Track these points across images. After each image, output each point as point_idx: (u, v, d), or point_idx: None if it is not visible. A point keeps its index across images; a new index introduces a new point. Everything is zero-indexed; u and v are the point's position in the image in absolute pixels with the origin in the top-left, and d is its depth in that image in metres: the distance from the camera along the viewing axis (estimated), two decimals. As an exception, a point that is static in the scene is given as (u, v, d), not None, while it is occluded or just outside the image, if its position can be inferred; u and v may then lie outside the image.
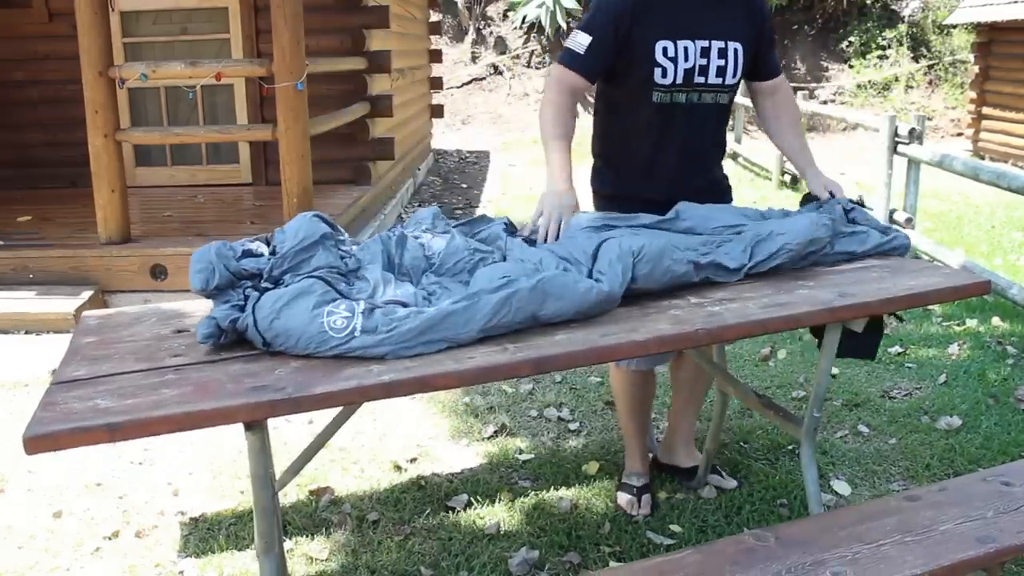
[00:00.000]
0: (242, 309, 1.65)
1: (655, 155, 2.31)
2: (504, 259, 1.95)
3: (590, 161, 2.44)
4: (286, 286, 1.68)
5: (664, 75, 2.19)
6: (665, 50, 2.17)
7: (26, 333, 4.22)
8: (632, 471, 2.61)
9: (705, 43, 2.20)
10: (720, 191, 2.43)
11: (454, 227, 2.10)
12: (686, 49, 2.19)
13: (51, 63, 6.33)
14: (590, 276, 1.84)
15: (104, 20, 4.40)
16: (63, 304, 4.27)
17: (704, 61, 2.21)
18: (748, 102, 10.35)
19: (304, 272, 1.74)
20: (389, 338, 1.58)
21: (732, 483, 2.65)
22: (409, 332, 1.59)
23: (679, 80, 2.20)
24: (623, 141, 2.34)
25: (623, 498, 2.54)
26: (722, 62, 2.22)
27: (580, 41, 2.20)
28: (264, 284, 1.73)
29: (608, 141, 2.39)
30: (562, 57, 2.22)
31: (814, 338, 2.21)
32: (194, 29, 6.35)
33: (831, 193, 2.30)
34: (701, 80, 2.22)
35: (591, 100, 2.59)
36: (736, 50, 2.24)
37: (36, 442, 1.31)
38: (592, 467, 2.79)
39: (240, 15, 6.29)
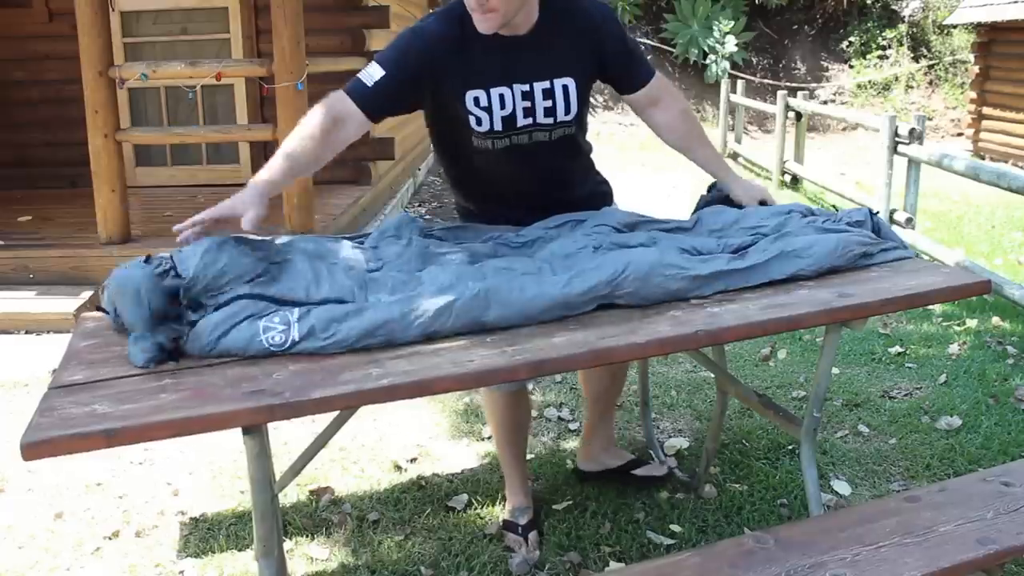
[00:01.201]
0: (180, 323, 1.64)
1: (505, 194, 2.19)
2: (470, 259, 1.92)
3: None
4: (215, 309, 1.64)
5: (479, 123, 2.03)
6: (476, 100, 2.01)
7: (26, 333, 4.23)
8: (515, 505, 2.42)
9: (525, 87, 2.03)
10: (599, 200, 2.30)
11: (439, 229, 2.08)
12: (502, 96, 2.02)
13: (51, 63, 6.34)
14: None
15: (104, 20, 4.40)
16: (63, 304, 4.27)
17: (527, 104, 2.04)
18: (748, 101, 10.39)
19: (223, 289, 1.68)
20: (328, 345, 1.62)
21: (663, 469, 2.62)
22: (347, 339, 1.62)
23: (498, 127, 2.04)
24: (472, 187, 2.24)
25: (509, 538, 2.37)
26: (548, 103, 2.05)
27: (371, 73, 1.97)
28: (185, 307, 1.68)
29: (460, 190, 2.28)
30: (350, 85, 1.99)
31: (814, 338, 2.21)
32: (194, 29, 6.35)
33: (763, 203, 2.20)
34: (528, 122, 2.06)
35: (592, 102, 2.53)
36: (565, 87, 2.06)
37: (34, 449, 1.31)
38: (592, 467, 2.79)
39: (240, 15, 6.30)
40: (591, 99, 15.19)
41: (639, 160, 11.15)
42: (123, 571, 2.31)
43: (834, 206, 2.25)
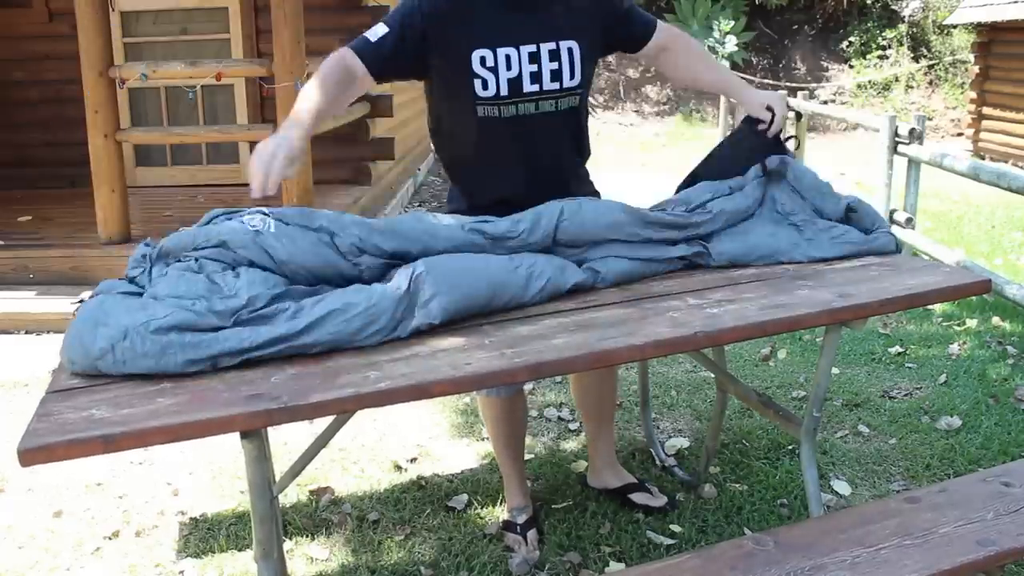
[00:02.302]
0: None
1: (502, 176, 2.12)
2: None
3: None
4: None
5: (485, 87, 1.99)
6: (483, 59, 1.97)
7: (26, 333, 4.23)
8: (514, 506, 2.43)
9: (532, 47, 2.00)
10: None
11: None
12: (508, 57, 1.99)
13: (51, 63, 6.33)
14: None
15: (104, 20, 4.40)
16: (63, 304, 4.27)
17: (534, 67, 2.01)
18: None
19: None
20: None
21: (661, 500, 2.51)
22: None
23: (504, 91, 2.00)
24: (466, 164, 2.18)
25: (508, 538, 2.38)
26: (555, 65, 2.03)
27: (376, 31, 1.99)
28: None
29: (453, 166, 2.22)
30: (355, 42, 2.00)
31: (814, 338, 2.21)
32: (194, 29, 6.35)
33: (771, 110, 2.17)
34: (534, 88, 2.02)
35: (592, 102, 2.51)
36: (571, 49, 2.04)
37: (31, 454, 1.30)
38: (592, 468, 2.79)
39: (240, 15, 6.29)
40: (592, 99, 15.23)
41: (639, 160, 11.15)
42: (123, 571, 2.31)
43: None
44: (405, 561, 2.31)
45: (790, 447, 2.90)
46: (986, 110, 11.24)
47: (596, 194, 2.31)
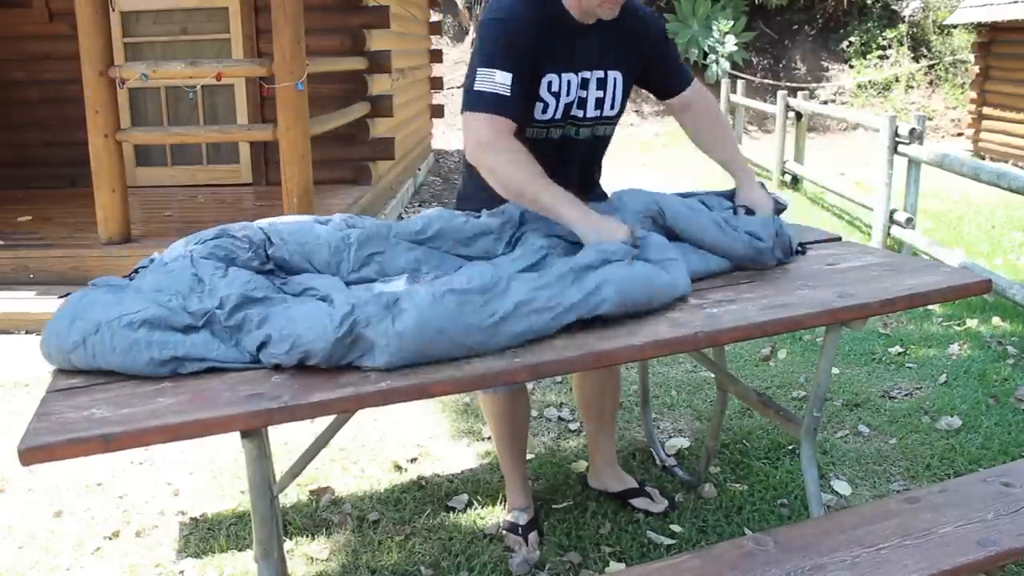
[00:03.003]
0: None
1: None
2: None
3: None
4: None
5: (544, 111, 2.02)
6: (550, 84, 1.99)
7: (26, 333, 4.23)
8: (515, 506, 2.42)
9: (587, 74, 2.04)
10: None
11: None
12: (569, 83, 2.02)
13: (51, 63, 6.34)
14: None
15: (104, 20, 4.40)
16: (63, 304, 4.27)
17: (583, 93, 2.05)
18: (748, 101, 10.38)
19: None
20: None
21: (661, 505, 2.49)
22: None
23: (558, 116, 2.04)
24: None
25: (509, 538, 2.36)
26: (600, 93, 2.07)
27: (501, 81, 1.87)
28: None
29: (476, 181, 2.03)
30: (485, 104, 1.87)
31: (814, 338, 2.21)
32: (194, 29, 6.35)
33: (748, 210, 2.15)
34: (579, 114, 2.07)
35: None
36: (616, 79, 2.08)
37: (31, 454, 1.30)
38: (592, 468, 2.79)
39: (240, 15, 6.30)
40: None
41: (639, 160, 11.15)
42: (123, 571, 2.31)
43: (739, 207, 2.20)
44: (405, 561, 2.31)
45: (790, 447, 2.90)
46: (986, 110, 11.23)
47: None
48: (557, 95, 2.02)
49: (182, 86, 6.13)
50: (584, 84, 2.05)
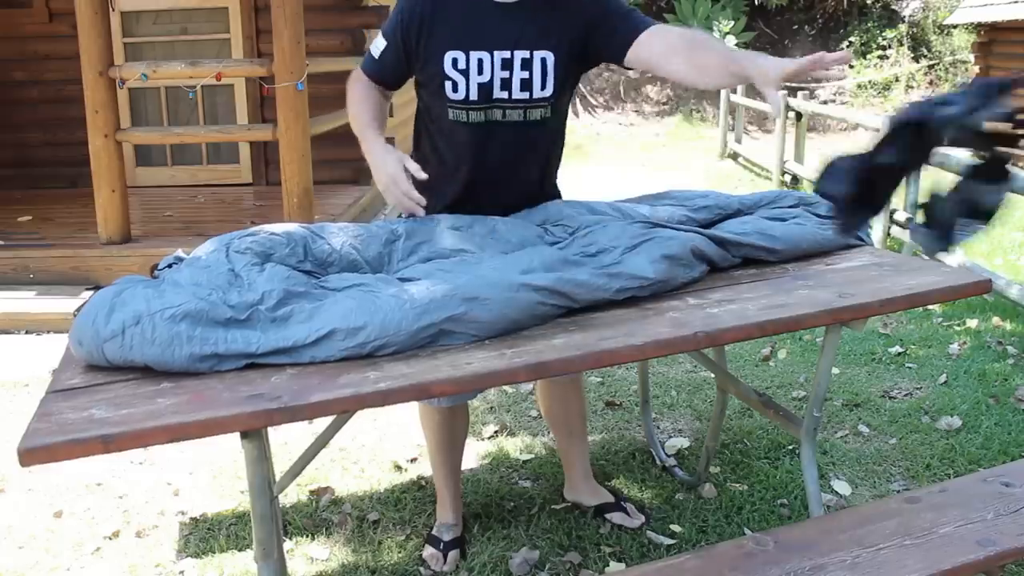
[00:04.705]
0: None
1: (449, 180, 2.10)
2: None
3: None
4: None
5: (455, 89, 1.99)
6: (455, 61, 1.97)
7: (26, 333, 4.23)
8: (442, 521, 2.38)
9: (506, 54, 1.98)
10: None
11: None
12: (480, 61, 1.97)
13: (51, 63, 6.34)
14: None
15: (104, 20, 4.40)
16: (63, 304, 4.27)
17: (505, 73, 1.99)
18: (748, 101, 10.38)
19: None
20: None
21: (637, 520, 2.43)
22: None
23: (473, 96, 1.99)
24: (435, 163, 2.12)
25: (427, 551, 2.32)
26: (526, 74, 1.99)
27: (377, 45, 2.07)
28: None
29: (422, 161, 2.07)
30: (364, 62, 2.12)
31: (814, 338, 2.21)
32: (194, 29, 6.36)
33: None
34: (503, 95, 2.00)
35: (592, 102, 2.47)
36: (544, 60, 1.99)
37: (31, 454, 1.30)
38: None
39: (240, 15, 6.30)
40: (592, 100, 15.24)
41: (639, 160, 11.15)
42: (123, 571, 2.31)
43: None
44: (405, 561, 2.31)
45: (790, 447, 2.90)
46: (986, 110, 11.23)
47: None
48: (465, 73, 1.98)
49: (182, 86, 6.13)
50: (506, 64, 1.99)
